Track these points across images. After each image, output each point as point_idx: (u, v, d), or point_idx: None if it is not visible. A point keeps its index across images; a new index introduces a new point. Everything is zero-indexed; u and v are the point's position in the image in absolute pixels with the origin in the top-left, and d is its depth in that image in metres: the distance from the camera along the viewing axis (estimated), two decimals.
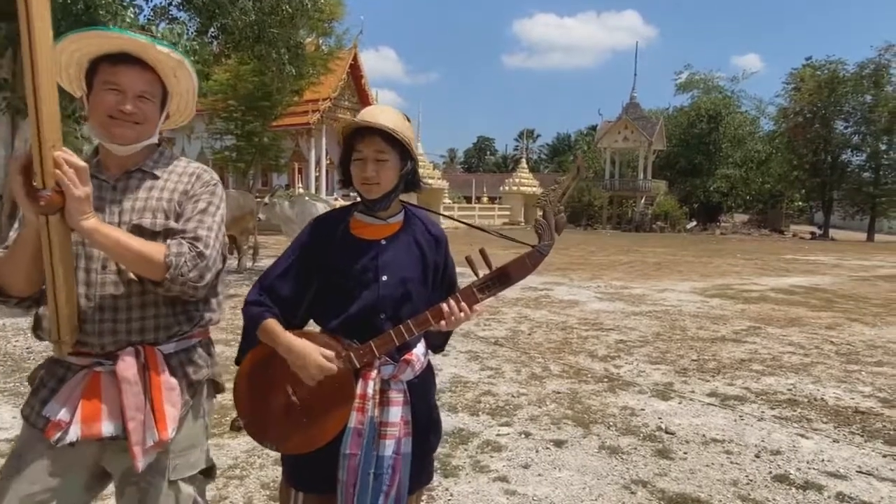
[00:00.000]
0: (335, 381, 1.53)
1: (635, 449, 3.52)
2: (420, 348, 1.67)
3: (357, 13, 69.27)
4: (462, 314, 1.54)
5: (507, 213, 38.27)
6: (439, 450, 3.40)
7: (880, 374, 5.32)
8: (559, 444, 3.56)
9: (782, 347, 6.26)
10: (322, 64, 21.77)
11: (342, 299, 1.61)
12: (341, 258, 1.62)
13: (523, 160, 43.58)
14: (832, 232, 34.06)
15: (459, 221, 1.85)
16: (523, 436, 3.66)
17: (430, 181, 31.06)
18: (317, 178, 29.70)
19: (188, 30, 13.60)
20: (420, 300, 1.65)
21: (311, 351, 1.51)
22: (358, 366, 1.56)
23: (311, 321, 1.69)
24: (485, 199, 41.41)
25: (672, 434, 3.75)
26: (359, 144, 1.60)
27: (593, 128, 50.77)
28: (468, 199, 41.62)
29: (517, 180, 39.45)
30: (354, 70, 29.61)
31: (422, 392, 1.69)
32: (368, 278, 1.60)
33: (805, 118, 35.30)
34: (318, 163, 29.52)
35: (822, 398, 4.59)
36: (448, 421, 3.82)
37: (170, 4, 13.16)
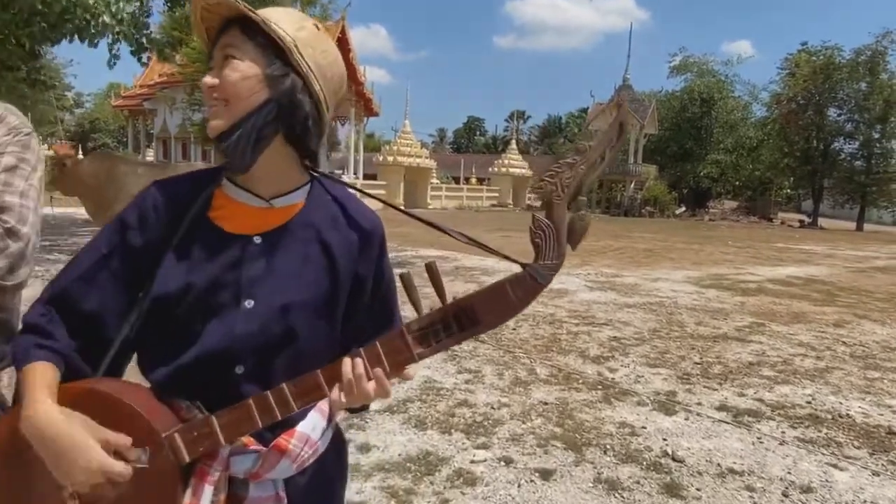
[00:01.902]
0: (145, 486, 0.85)
1: (638, 483, 2.90)
2: (312, 422, 0.97)
3: None
4: (374, 387, 0.87)
5: (496, 194, 37.60)
6: (398, 482, 2.76)
7: None
8: (546, 474, 2.93)
9: (792, 349, 5.69)
10: None
11: (174, 336, 0.93)
12: (177, 262, 0.93)
13: (513, 141, 42.82)
14: (820, 221, 33.77)
15: (409, 215, 1.15)
16: (503, 463, 3.03)
17: (417, 160, 30.29)
18: None
19: None
20: (317, 344, 0.98)
21: (76, 436, 0.82)
22: (187, 458, 0.87)
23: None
24: (473, 181, 40.67)
25: (681, 462, 3.14)
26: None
27: (585, 110, 49.98)
28: (456, 180, 40.85)
29: (506, 162, 38.73)
30: (342, 44, 28.38)
31: (315, 498, 1.02)
32: (220, 302, 0.93)
33: (798, 105, 34.75)
34: None
35: (847, 414, 4.00)
36: (414, 442, 3.18)
37: None
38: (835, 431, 3.69)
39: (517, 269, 0.88)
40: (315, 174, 1.05)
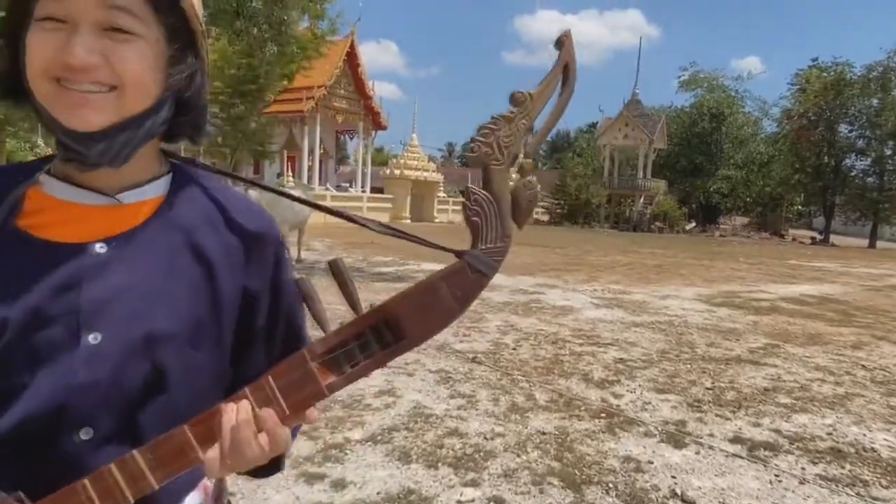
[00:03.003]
0: None
1: None
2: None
3: (356, 1, 67.93)
4: (267, 441, 0.62)
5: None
6: None
7: None
8: None
9: (808, 373, 5.36)
10: (313, 48, 20.79)
11: None
12: None
13: (521, 155, 42.62)
14: (832, 237, 33.26)
15: (310, 204, 0.89)
16: (493, 503, 2.74)
17: (424, 174, 30.14)
18: (309, 168, 28.73)
19: None
20: (198, 388, 0.72)
21: None
22: None
23: None
24: None
25: None
26: None
27: (593, 125, 49.83)
28: (464, 194, 40.67)
29: (515, 176, 38.48)
30: (351, 58, 28.60)
31: None
32: (51, 340, 0.67)
33: (809, 120, 34.39)
34: (311, 152, 28.54)
35: (871, 447, 3.68)
36: (396, 478, 2.91)
37: None
38: (859, 468, 3.38)
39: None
40: (177, 161, 0.79)
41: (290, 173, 27.98)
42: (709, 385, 4.79)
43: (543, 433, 3.58)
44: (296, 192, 11.02)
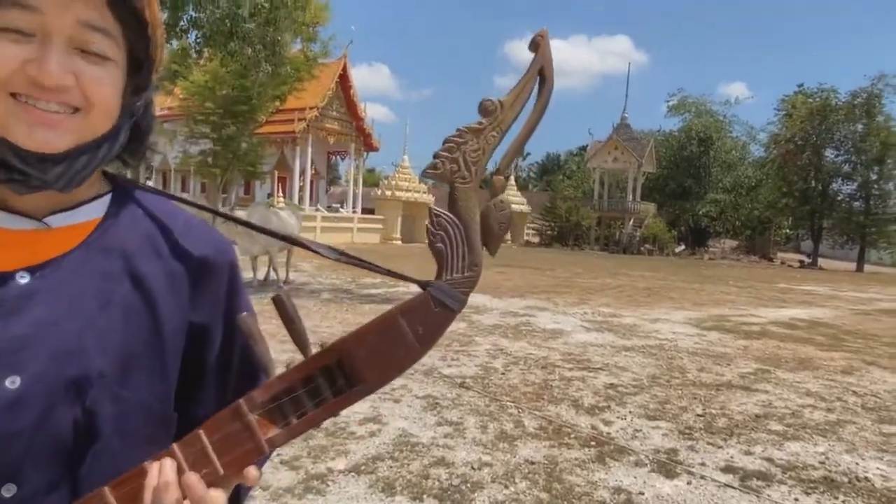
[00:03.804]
0: None
1: None
2: None
3: (349, 24, 68.74)
4: None
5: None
6: None
7: None
8: None
9: (800, 399, 5.31)
10: (306, 69, 20.91)
11: None
12: None
13: (512, 177, 42.89)
14: (820, 261, 33.49)
15: (234, 220, 0.83)
16: None
17: (415, 195, 30.19)
18: (301, 189, 28.71)
19: None
20: (136, 436, 0.65)
21: None
22: None
23: None
24: None
25: None
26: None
27: (583, 148, 50.24)
28: None
29: (505, 198, 38.69)
30: (344, 80, 28.80)
31: None
32: None
33: (796, 145, 34.85)
34: (302, 173, 28.56)
35: (865, 476, 3.62)
36: None
37: None
38: (853, 498, 3.31)
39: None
40: (117, 178, 0.74)
41: (281, 194, 27.97)
42: (700, 411, 4.73)
43: (532, 462, 3.50)
44: (285, 213, 10.94)
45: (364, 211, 30.62)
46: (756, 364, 6.64)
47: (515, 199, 38.58)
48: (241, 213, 9.79)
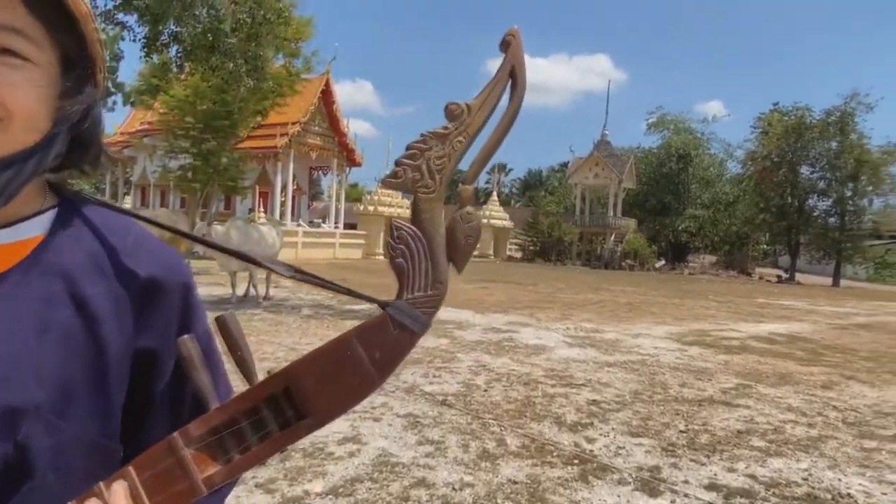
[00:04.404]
0: None
1: None
2: None
3: (332, 41, 68.93)
4: None
5: (477, 245, 37.51)
6: None
7: None
8: None
9: (781, 414, 5.32)
10: (288, 85, 20.87)
11: None
12: None
13: (494, 193, 43.07)
14: (797, 276, 33.98)
15: (177, 232, 0.77)
16: None
17: (398, 210, 30.15)
18: (282, 204, 28.52)
19: (136, 35, 12.65)
20: (76, 472, 0.59)
21: None
22: None
23: None
24: None
25: None
26: None
27: (565, 164, 50.67)
28: None
29: (488, 213, 38.80)
30: (326, 96, 28.82)
31: None
32: None
33: (772, 162, 35.50)
34: (284, 188, 28.40)
35: (847, 493, 3.61)
36: None
37: (116, 7, 12.21)
38: None
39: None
40: (65, 192, 0.68)
41: (262, 209, 27.75)
42: (682, 428, 4.70)
43: (514, 482, 3.43)
44: (265, 228, 10.82)
45: (346, 226, 30.50)
46: (737, 379, 6.66)
47: (498, 215, 38.78)
48: (219, 228, 9.64)
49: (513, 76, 0.53)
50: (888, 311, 17.76)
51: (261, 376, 0.53)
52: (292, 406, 0.51)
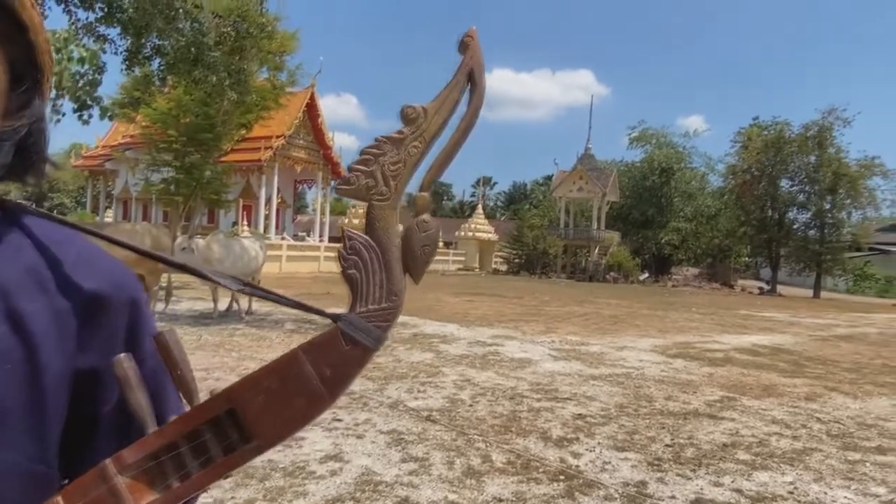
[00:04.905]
0: None
1: None
2: None
3: (318, 54, 69.06)
4: None
5: (462, 258, 37.52)
6: None
7: (888, 467, 4.40)
8: None
9: (766, 426, 5.32)
10: (272, 98, 20.82)
11: None
12: None
13: (480, 206, 43.24)
14: (779, 288, 34.38)
15: (122, 244, 0.70)
16: None
17: None
18: (266, 217, 28.34)
19: (118, 48, 12.54)
20: (8, 498, 0.54)
21: None
22: None
23: None
24: (440, 244, 40.66)
25: None
26: None
27: (549, 177, 51.03)
28: None
29: (473, 226, 38.92)
30: (311, 109, 28.81)
31: None
32: None
33: (752, 176, 36.02)
34: (268, 201, 28.23)
35: None
36: None
37: (98, 20, 12.11)
38: None
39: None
40: (5, 204, 0.63)
41: (246, 222, 27.55)
42: (668, 441, 4.68)
43: (500, 500, 3.38)
44: (248, 242, 10.69)
45: (331, 240, 30.34)
46: (721, 391, 6.67)
47: (483, 228, 38.91)
48: (200, 242, 9.51)
49: (471, 79, 0.51)
50: (868, 322, 18.00)
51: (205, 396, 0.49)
52: (237, 428, 0.47)
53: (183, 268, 0.61)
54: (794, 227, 36.50)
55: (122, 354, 0.52)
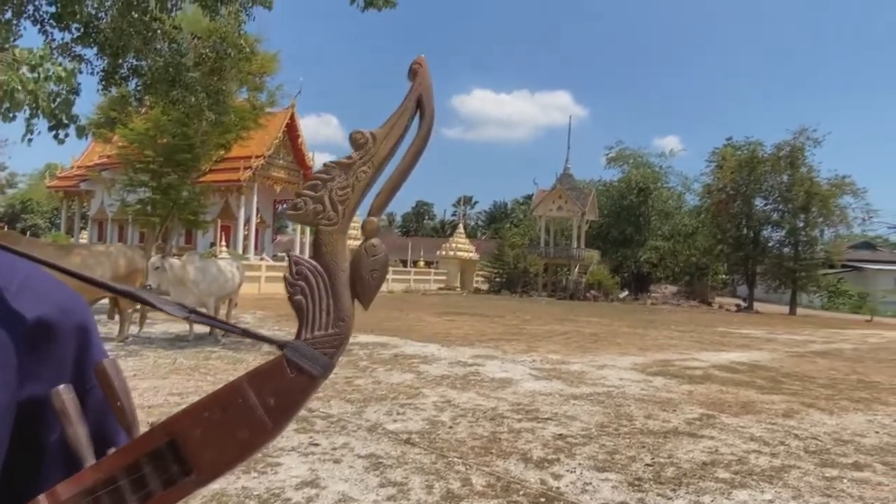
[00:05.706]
0: None
1: None
2: None
3: (298, 76, 69.21)
4: None
5: (444, 277, 37.49)
6: None
7: (865, 483, 4.43)
8: None
9: (745, 444, 5.34)
10: (252, 118, 20.77)
11: None
12: None
13: (461, 226, 43.41)
14: (756, 305, 34.86)
15: (74, 275, 0.66)
16: None
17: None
18: (245, 238, 28.10)
19: (94, 68, 12.41)
20: None
21: None
22: None
23: None
24: (421, 264, 40.55)
25: None
26: None
27: (529, 197, 51.48)
28: (404, 263, 40.67)
29: (454, 245, 39.00)
30: (291, 129, 28.83)
31: None
32: None
33: (728, 195, 36.71)
34: (247, 221, 28.02)
35: None
36: None
37: (73, 40, 11.98)
38: None
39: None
40: None
41: (224, 243, 27.26)
42: (649, 461, 4.67)
43: None
44: (224, 263, 10.56)
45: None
46: (701, 409, 6.69)
47: (464, 247, 38.99)
48: (175, 262, 9.37)
49: (420, 105, 0.51)
50: (842, 338, 18.30)
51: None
52: (177, 461, 0.45)
53: (128, 294, 0.58)
54: (770, 244, 37.16)
55: (61, 386, 0.50)
